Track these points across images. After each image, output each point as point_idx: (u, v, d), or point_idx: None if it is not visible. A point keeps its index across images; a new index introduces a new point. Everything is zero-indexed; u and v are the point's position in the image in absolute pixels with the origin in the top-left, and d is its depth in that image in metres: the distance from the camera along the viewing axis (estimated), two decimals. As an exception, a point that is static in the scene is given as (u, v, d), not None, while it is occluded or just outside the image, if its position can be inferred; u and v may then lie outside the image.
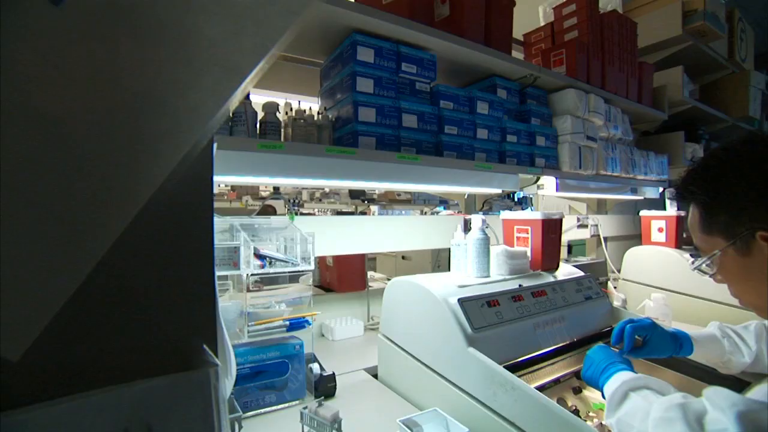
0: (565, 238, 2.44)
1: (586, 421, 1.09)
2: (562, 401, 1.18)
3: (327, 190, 5.84)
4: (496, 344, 0.98)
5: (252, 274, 1.11)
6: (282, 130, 1.28)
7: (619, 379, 0.80)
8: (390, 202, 4.41)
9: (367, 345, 1.62)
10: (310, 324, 1.20)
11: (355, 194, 4.89)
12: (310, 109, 1.37)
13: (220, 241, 1.12)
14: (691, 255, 2.00)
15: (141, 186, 0.29)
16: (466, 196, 1.81)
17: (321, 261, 2.12)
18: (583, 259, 2.31)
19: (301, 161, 1.10)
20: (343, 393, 1.23)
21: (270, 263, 1.18)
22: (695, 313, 1.85)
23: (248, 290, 1.14)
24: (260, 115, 1.24)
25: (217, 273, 1.07)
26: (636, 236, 2.52)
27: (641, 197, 2.46)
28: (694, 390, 1.02)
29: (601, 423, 1.08)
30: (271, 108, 1.25)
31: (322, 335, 1.78)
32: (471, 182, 1.40)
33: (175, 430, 0.32)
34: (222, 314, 1.11)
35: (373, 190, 5.89)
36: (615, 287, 2.25)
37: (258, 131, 1.22)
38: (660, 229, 2.22)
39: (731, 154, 0.74)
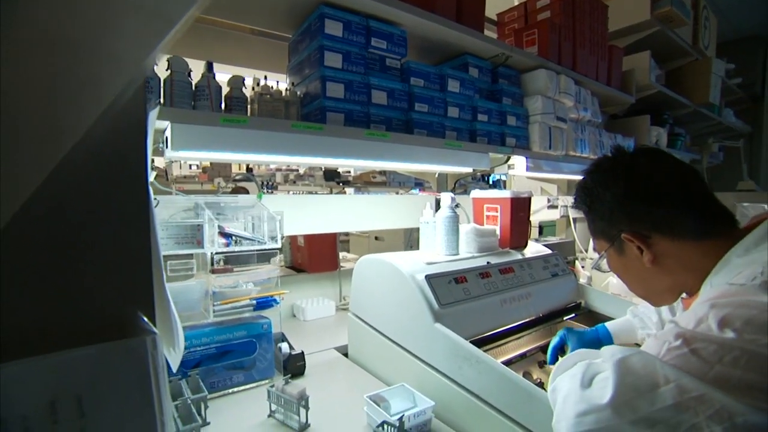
0: (536, 218, 2.49)
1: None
2: (527, 375, 1.21)
3: (301, 172, 5.76)
4: (463, 320, 0.99)
5: (216, 253, 1.08)
6: (249, 106, 1.24)
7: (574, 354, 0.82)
8: (365, 184, 4.38)
9: (338, 325, 1.62)
10: (278, 303, 1.19)
11: (330, 176, 4.83)
12: (278, 84, 1.33)
13: (184, 219, 1.09)
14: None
15: (60, 137, 0.27)
16: (437, 175, 1.81)
17: (293, 242, 2.09)
18: (553, 239, 2.36)
19: (266, 137, 1.07)
20: (313, 371, 1.23)
21: (236, 242, 1.15)
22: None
23: (213, 269, 1.11)
24: (226, 90, 1.20)
25: (180, 251, 1.05)
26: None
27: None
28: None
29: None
30: (236, 83, 1.20)
31: (294, 316, 1.77)
32: (441, 160, 1.39)
33: (108, 400, 0.30)
34: (185, 293, 1.09)
35: (348, 172, 5.85)
36: (582, 266, 2.32)
37: (224, 107, 1.17)
38: (625, 210, 2.28)
39: (599, 168, 0.83)
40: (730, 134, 4.07)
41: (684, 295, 0.86)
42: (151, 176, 1.04)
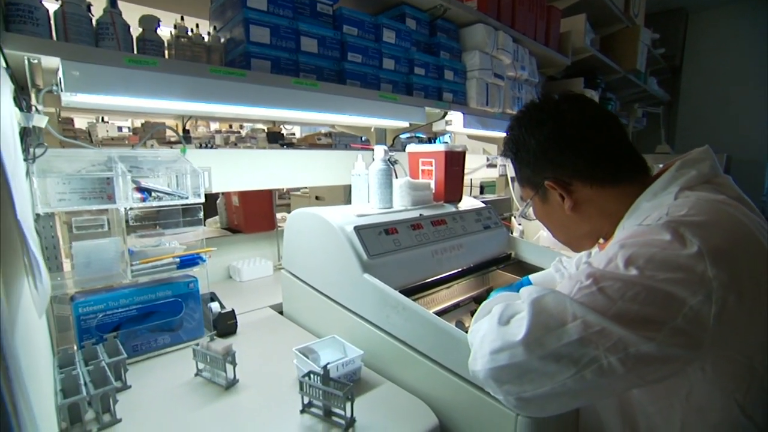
0: (477, 177, 2.55)
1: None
2: (460, 323, 1.26)
3: (243, 134, 5.50)
4: (393, 270, 1.00)
5: (131, 208, 1.00)
6: (166, 51, 1.12)
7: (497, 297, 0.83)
8: (311, 146, 4.26)
9: (276, 284, 1.59)
10: (204, 261, 1.13)
11: (274, 138, 4.65)
12: (197, 27, 1.21)
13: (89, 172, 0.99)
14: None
15: None
16: (372, 130, 1.78)
17: (227, 202, 2.00)
18: (491, 197, 2.44)
19: (181, 82, 0.98)
20: (246, 330, 1.20)
21: (156, 198, 1.07)
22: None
23: (130, 226, 1.03)
24: (138, 32, 1.07)
25: (87, 207, 0.96)
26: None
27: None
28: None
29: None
30: (149, 23, 1.08)
31: (230, 277, 1.72)
32: (375, 113, 1.36)
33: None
34: (97, 253, 1.01)
35: (293, 134, 5.66)
36: (520, 224, 2.43)
37: (135, 50, 1.05)
38: (558, 168, 2.39)
39: (525, 115, 0.83)
40: (653, 101, 4.36)
41: (601, 240, 0.92)
42: (41, 122, 0.92)
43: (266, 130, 5.28)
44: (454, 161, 1.34)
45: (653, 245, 0.59)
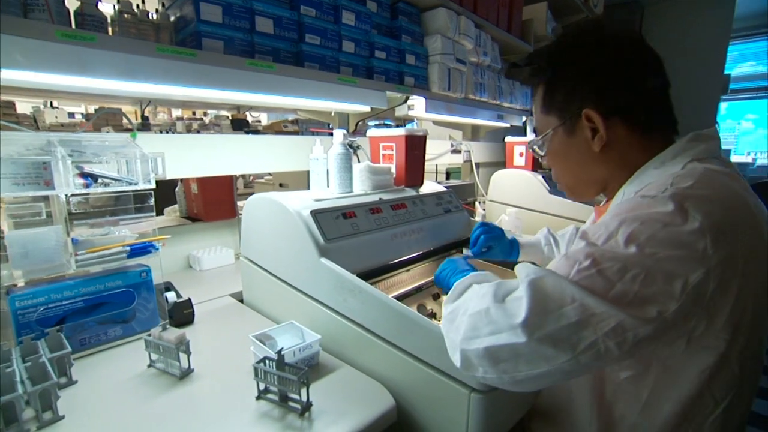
0: (442, 163, 2.57)
1: (440, 321, 1.20)
2: (422, 307, 1.28)
3: (206, 121, 5.32)
4: (351, 254, 1.00)
5: (72, 195, 0.94)
6: (109, 28, 1.05)
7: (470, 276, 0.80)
8: (277, 133, 4.17)
9: (237, 272, 1.55)
10: (157, 249, 1.09)
11: (238, 125, 4.52)
12: (143, 3, 1.15)
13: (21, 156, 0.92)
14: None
15: None
16: (333, 114, 1.75)
17: (186, 190, 1.94)
18: (455, 182, 2.46)
19: (124, 60, 0.92)
20: (204, 318, 1.18)
21: (102, 184, 1.02)
22: (541, 226, 2.12)
23: (72, 214, 0.98)
24: (76, 5, 1.00)
25: (23, 192, 0.90)
26: (504, 162, 2.76)
27: (508, 125, 2.66)
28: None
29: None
30: (90, -5, 1.01)
31: (190, 267, 1.67)
32: (335, 97, 1.33)
33: None
34: (34, 242, 0.95)
35: (258, 121, 5.51)
36: (484, 210, 2.47)
37: (74, 25, 0.98)
38: (521, 154, 2.44)
39: (579, 34, 0.77)
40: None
41: (601, 202, 0.90)
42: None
43: (230, 117, 5.12)
44: (415, 145, 1.34)
45: (655, 220, 0.57)
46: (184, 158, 1.38)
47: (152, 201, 1.08)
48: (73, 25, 0.97)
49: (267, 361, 0.79)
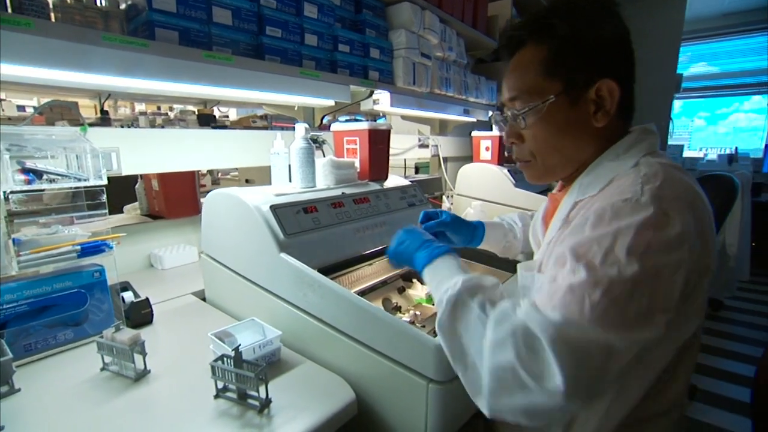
0: (411, 157, 2.58)
1: (404, 314, 1.21)
2: (387, 300, 1.28)
3: (171, 116, 5.14)
4: (312, 249, 0.99)
5: (11, 192, 0.89)
6: (52, 14, 1.00)
7: (452, 276, 0.71)
8: (245, 128, 4.08)
9: (201, 270, 1.52)
10: (110, 248, 1.05)
11: (205, 120, 4.39)
12: (91, -10, 1.10)
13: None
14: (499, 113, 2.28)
15: None
16: (296, 108, 1.73)
17: (147, 187, 1.87)
18: (423, 176, 2.48)
19: (66, 49, 0.88)
20: (164, 318, 1.14)
21: (47, 180, 0.97)
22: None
23: (12, 212, 0.93)
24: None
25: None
26: (471, 156, 2.80)
27: (474, 119, 2.69)
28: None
29: (415, 313, 1.21)
30: (27, -21, 0.95)
31: (152, 266, 1.62)
32: (297, 90, 1.31)
33: None
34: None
35: (226, 116, 5.38)
36: (451, 204, 2.50)
37: (10, 9, 0.92)
38: (487, 148, 2.48)
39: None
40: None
41: (556, 188, 0.89)
42: None
43: (197, 112, 4.97)
44: (379, 139, 1.34)
45: (646, 227, 0.57)
46: (144, 154, 1.33)
47: (104, 198, 1.04)
48: (9, 9, 0.91)
49: (225, 359, 0.78)
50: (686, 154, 5.39)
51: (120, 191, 2.09)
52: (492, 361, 0.57)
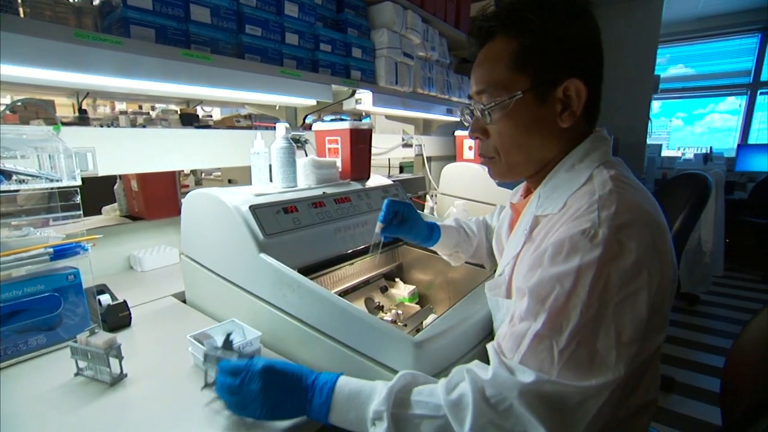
0: (395, 157, 2.59)
1: (387, 314, 1.21)
2: (370, 300, 1.29)
3: (153, 116, 5.05)
4: (293, 249, 0.98)
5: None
6: (21, 10, 0.97)
7: (364, 403, 0.64)
8: (228, 128, 4.02)
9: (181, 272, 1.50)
10: (85, 249, 1.03)
11: (188, 120, 4.32)
12: (64, -15, 1.07)
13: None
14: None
15: None
16: (277, 107, 1.72)
17: (126, 187, 1.84)
18: (407, 175, 2.49)
19: (36, 46, 0.86)
20: (143, 321, 1.12)
21: (17, 180, 0.95)
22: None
23: (-19, 215, 0.90)
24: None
25: None
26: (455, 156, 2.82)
27: (458, 119, 2.71)
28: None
29: (397, 312, 1.21)
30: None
31: (132, 267, 1.59)
32: (278, 90, 1.31)
33: None
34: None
35: (209, 116, 5.31)
36: (435, 202, 2.52)
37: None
38: (470, 147, 2.50)
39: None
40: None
41: (518, 195, 0.91)
42: None
43: (179, 112, 4.89)
44: (360, 139, 1.34)
45: (604, 263, 0.57)
46: (123, 154, 1.31)
47: (78, 199, 1.01)
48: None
49: (208, 357, 0.77)
50: (665, 153, 5.53)
51: (98, 192, 2.05)
52: (471, 425, 0.56)
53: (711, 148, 5.29)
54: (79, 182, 1.00)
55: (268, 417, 0.67)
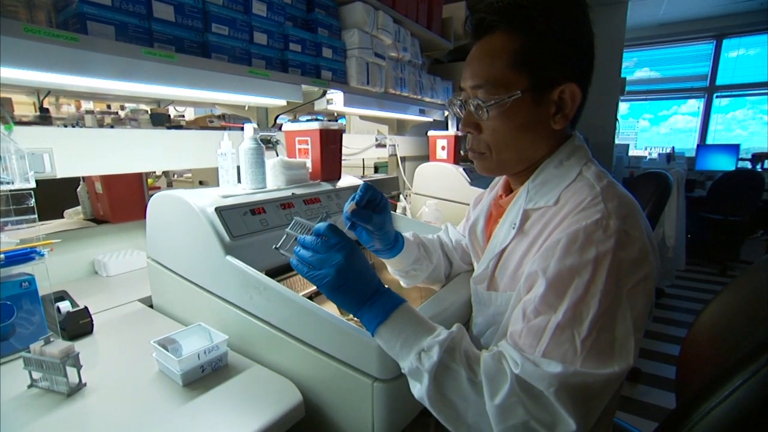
0: (369, 157, 2.58)
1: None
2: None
3: (122, 115, 4.88)
4: (260, 251, 0.97)
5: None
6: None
7: (417, 336, 0.65)
8: (201, 129, 3.93)
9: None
10: (41, 255, 0.98)
11: (159, 120, 4.19)
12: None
13: None
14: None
15: None
16: (246, 108, 1.69)
17: (90, 189, 1.77)
18: (381, 176, 2.49)
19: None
20: (107, 328, 1.08)
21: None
22: (462, 216, 2.22)
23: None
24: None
25: None
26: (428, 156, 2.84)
27: (431, 119, 2.73)
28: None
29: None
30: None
31: (96, 272, 1.53)
32: (246, 90, 1.28)
33: None
34: None
35: (182, 116, 5.18)
36: (409, 202, 2.53)
37: None
38: (443, 147, 2.53)
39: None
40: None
41: (494, 193, 0.91)
42: None
43: (150, 112, 4.75)
44: (330, 139, 1.34)
45: (617, 251, 0.60)
46: (86, 154, 1.26)
47: (33, 202, 0.97)
48: None
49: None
50: (631, 153, 5.73)
51: (60, 195, 1.97)
52: (503, 426, 0.57)
53: (673, 148, 5.52)
54: (33, 184, 0.96)
55: (331, 290, 0.66)
